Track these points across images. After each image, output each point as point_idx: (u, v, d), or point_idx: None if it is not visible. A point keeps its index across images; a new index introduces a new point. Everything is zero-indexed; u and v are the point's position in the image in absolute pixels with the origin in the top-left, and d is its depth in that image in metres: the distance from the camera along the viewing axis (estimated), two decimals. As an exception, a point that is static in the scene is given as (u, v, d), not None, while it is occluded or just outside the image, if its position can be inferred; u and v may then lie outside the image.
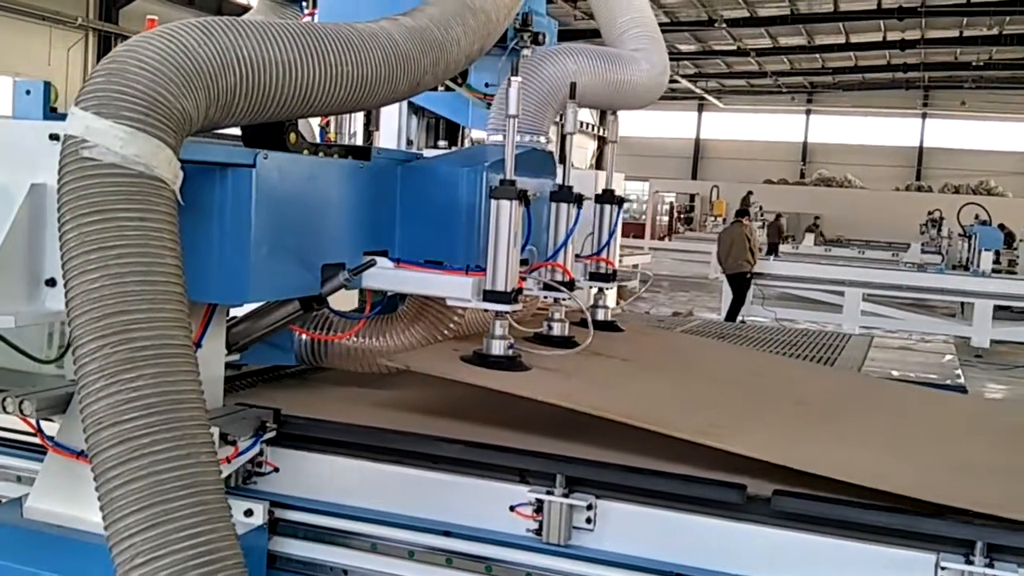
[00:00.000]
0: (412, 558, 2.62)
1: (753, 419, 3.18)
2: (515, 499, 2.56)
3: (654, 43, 4.51)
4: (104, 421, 1.98)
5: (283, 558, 2.73)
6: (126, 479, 1.96)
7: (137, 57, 2.16)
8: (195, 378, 2.10)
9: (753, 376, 4.11)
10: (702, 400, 3.38)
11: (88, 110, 2.10)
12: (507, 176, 3.00)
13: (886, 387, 4.34)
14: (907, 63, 35.44)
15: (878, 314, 15.92)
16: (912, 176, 43.07)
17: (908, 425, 3.54)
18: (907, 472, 2.69)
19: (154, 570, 1.92)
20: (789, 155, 45.29)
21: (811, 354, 5.48)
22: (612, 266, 4.11)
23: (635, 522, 2.50)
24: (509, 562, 2.54)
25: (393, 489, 2.69)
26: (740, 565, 2.40)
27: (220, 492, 2.08)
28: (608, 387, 3.27)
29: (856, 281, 15.87)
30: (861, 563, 2.34)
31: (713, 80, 42.05)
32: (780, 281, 16.58)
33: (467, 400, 3.09)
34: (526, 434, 2.81)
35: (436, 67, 3.03)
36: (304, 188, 2.78)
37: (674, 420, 2.81)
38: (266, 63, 2.38)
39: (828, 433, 3.15)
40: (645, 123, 46.49)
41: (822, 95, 44.32)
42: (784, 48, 34.92)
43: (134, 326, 2.02)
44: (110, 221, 2.05)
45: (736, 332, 6.67)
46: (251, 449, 2.70)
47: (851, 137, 44.39)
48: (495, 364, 3.08)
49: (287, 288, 2.82)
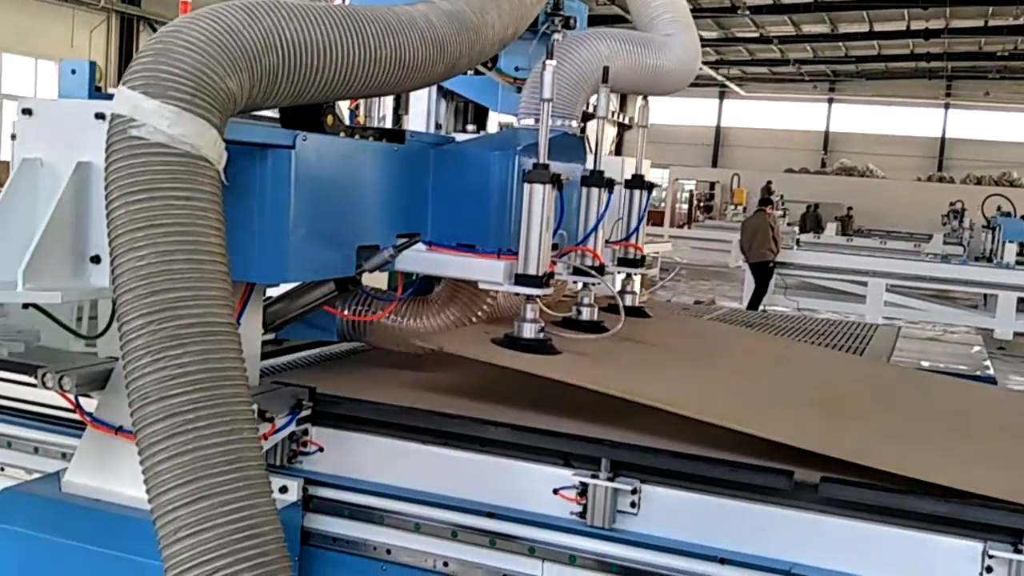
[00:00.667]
0: (455, 539, 2.63)
1: (784, 406, 3.19)
2: (559, 482, 2.58)
3: (686, 28, 4.49)
4: (150, 396, 2.00)
5: (326, 536, 2.76)
6: (171, 453, 1.99)
7: (183, 37, 2.18)
8: (239, 355, 2.13)
9: (781, 364, 4.11)
10: (733, 386, 3.39)
11: (136, 90, 2.11)
12: (540, 160, 3.00)
13: (915, 377, 4.32)
14: (931, 52, 35.15)
15: (900, 305, 15.85)
16: (934, 167, 42.79)
17: (940, 415, 3.53)
18: (950, 463, 2.69)
19: (197, 543, 1.95)
20: (810, 144, 45.04)
21: (838, 344, 5.46)
22: (641, 252, 4.11)
23: (680, 507, 2.51)
24: (553, 544, 2.55)
25: (438, 470, 2.71)
26: (785, 551, 2.40)
27: (262, 468, 2.10)
28: (638, 372, 3.28)
29: (879, 271, 15.82)
30: (908, 551, 2.34)
31: (735, 67, 41.80)
32: (803, 271, 16.53)
33: (507, 383, 3.10)
34: (568, 418, 2.82)
35: (471, 51, 3.05)
36: (340, 170, 2.81)
37: (705, 405, 2.82)
38: (308, 45, 2.40)
39: (861, 422, 3.15)
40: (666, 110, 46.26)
41: (844, 84, 44.06)
42: (807, 36, 34.69)
43: (180, 303, 2.04)
44: (157, 200, 2.07)
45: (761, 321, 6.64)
46: (288, 426, 2.73)
47: (873, 126, 44.11)
48: (526, 347, 3.09)
49: (323, 268, 2.85)
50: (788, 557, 2.39)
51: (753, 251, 15.88)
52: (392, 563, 2.69)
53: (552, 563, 2.55)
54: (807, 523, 2.41)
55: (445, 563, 2.64)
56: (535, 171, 2.99)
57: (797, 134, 45.02)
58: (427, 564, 2.66)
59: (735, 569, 2.41)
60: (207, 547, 1.95)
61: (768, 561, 2.40)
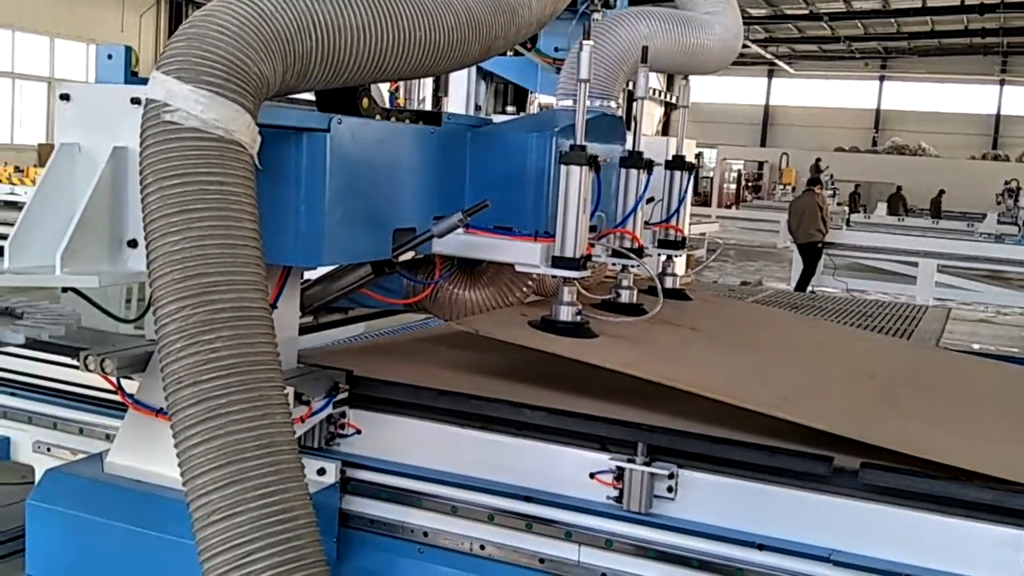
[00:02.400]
0: (492, 522, 2.64)
1: (825, 393, 3.14)
2: (596, 466, 2.57)
3: (728, 5, 4.45)
4: (183, 381, 2.03)
5: (363, 518, 2.78)
6: (204, 437, 2.01)
7: (217, 22, 2.18)
8: (271, 340, 2.14)
9: (823, 348, 4.05)
10: (772, 372, 3.35)
11: (169, 75, 2.13)
12: (578, 141, 2.98)
13: (959, 361, 4.24)
14: (985, 28, 34.35)
15: (952, 286, 15.58)
16: (988, 144, 41.95)
17: (983, 401, 3.47)
18: (990, 450, 2.64)
19: (230, 526, 1.98)
20: (861, 122, 44.38)
21: (887, 326, 5.40)
22: (681, 233, 4.08)
23: (717, 492, 2.49)
24: (589, 529, 2.55)
25: (475, 454, 2.71)
26: (823, 537, 2.37)
27: (294, 452, 2.12)
28: (676, 356, 3.25)
29: (930, 252, 15.55)
30: (948, 538, 2.30)
31: (784, 45, 41.23)
32: (852, 251, 16.31)
33: (544, 366, 3.10)
34: (605, 402, 2.81)
35: (507, 31, 3.02)
36: (376, 153, 2.81)
37: (745, 391, 2.79)
38: (342, 28, 2.39)
39: (903, 408, 3.10)
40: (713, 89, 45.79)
41: (896, 61, 43.27)
42: (858, 12, 34.10)
43: (213, 288, 2.06)
44: (191, 184, 2.08)
45: (809, 303, 6.58)
46: (324, 409, 2.74)
47: (926, 104, 43.35)
48: (563, 330, 3.07)
49: (360, 251, 2.85)
50: (827, 543, 2.36)
51: (801, 231, 15.69)
52: (429, 546, 2.70)
53: (588, 547, 2.55)
54: (846, 509, 2.37)
55: (482, 546, 2.65)
56: (572, 153, 2.97)
57: (847, 112, 44.36)
58: (464, 547, 2.66)
59: (773, 555, 2.39)
60: (239, 531, 1.97)
61: (806, 547, 2.37)
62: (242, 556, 1.96)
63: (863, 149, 40.61)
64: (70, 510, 2.58)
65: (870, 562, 2.31)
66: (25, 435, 3.45)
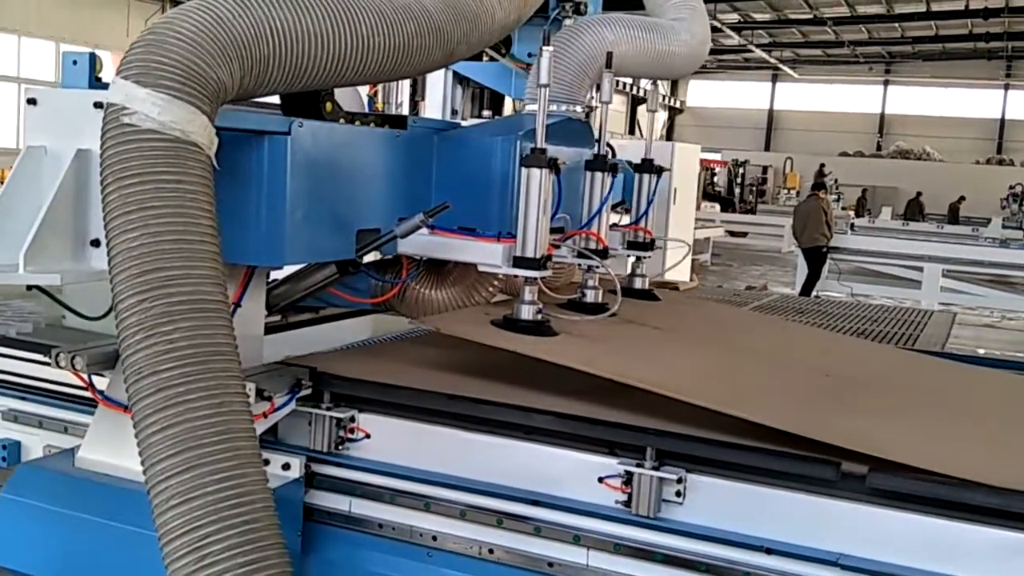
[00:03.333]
0: (501, 526, 2.65)
1: (779, 391, 3.16)
2: (604, 471, 2.58)
3: (695, 13, 4.54)
4: (143, 371, 2.10)
5: (373, 522, 2.79)
6: (162, 425, 2.08)
7: (175, 29, 2.28)
8: (229, 332, 2.22)
9: (784, 347, 4.04)
10: (729, 370, 3.36)
11: (128, 79, 2.22)
12: (537, 144, 3.04)
13: (924, 362, 4.21)
14: (990, 32, 34.42)
15: (958, 290, 15.55)
16: (993, 149, 41.96)
17: (945, 402, 3.47)
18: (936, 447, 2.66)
19: (188, 510, 2.05)
20: (866, 127, 44.39)
21: (891, 331, 5.40)
22: (650, 235, 4.15)
23: (726, 496, 2.50)
24: (598, 533, 2.56)
25: (484, 458, 2.73)
26: (832, 542, 2.38)
27: (252, 439, 2.19)
28: (633, 354, 3.27)
29: (935, 256, 15.52)
30: (956, 543, 2.30)
31: (788, 50, 41.30)
32: (857, 256, 16.30)
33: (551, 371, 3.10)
34: (613, 407, 2.82)
35: (470, 37, 3.10)
36: (339, 155, 2.88)
37: (698, 389, 2.80)
38: (299, 34, 2.47)
39: (857, 407, 3.10)
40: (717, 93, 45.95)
41: (901, 65, 43.30)
42: (862, 17, 34.14)
43: (171, 282, 2.14)
44: (149, 183, 2.17)
45: (813, 307, 6.58)
46: (287, 405, 2.80)
47: (930, 109, 43.34)
48: (523, 329, 3.12)
49: (323, 251, 2.93)
50: (835, 547, 2.37)
51: (806, 236, 15.69)
52: (438, 549, 2.71)
53: (597, 551, 2.55)
54: (854, 514, 2.38)
55: (490, 550, 2.66)
56: (531, 156, 3.03)
57: (852, 117, 44.38)
58: (472, 551, 2.67)
59: (781, 559, 2.39)
60: (196, 515, 2.05)
61: (814, 551, 2.37)
62: (200, 538, 2.03)
63: (867, 153, 40.62)
64: (40, 503, 2.67)
65: (878, 566, 2.32)
66: (36, 439, 3.47)
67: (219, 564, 2.03)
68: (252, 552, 2.07)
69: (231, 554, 2.04)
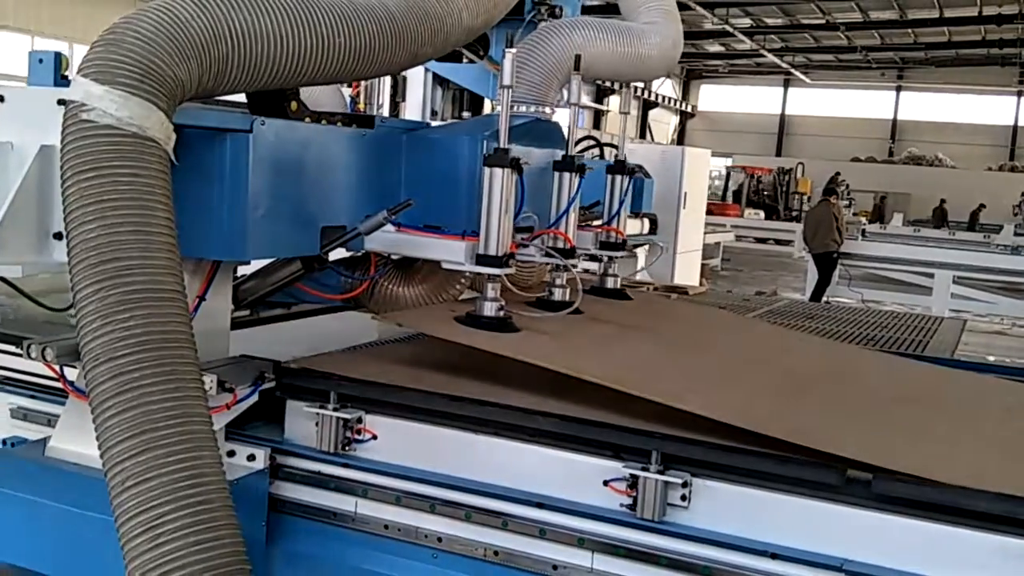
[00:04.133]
0: (505, 528, 2.65)
1: (732, 386, 3.19)
2: (609, 474, 2.58)
3: (667, 16, 4.61)
4: (100, 357, 2.16)
5: (379, 522, 2.80)
6: (118, 410, 2.14)
7: (133, 29, 2.35)
8: (185, 320, 2.28)
9: (747, 345, 4.04)
10: (685, 365, 3.39)
11: (88, 77, 2.29)
12: (500, 144, 3.09)
13: (885, 359, 4.19)
14: (1003, 39, 34.32)
15: (969, 297, 15.50)
16: (1006, 156, 41.83)
17: (905, 399, 3.47)
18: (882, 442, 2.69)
19: (143, 491, 2.11)
20: (877, 132, 44.31)
21: (901, 337, 5.38)
22: (621, 236, 4.20)
23: (731, 501, 2.50)
24: (602, 536, 2.56)
25: (489, 460, 2.73)
26: (837, 547, 2.38)
27: (206, 422, 2.25)
28: (592, 350, 3.31)
29: (946, 263, 15.48)
30: (960, 548, 2.30)
31: (800, 55, 41.23)
32: (868, 262, 16.26)
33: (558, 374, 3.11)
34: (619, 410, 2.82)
35: (435, 39, 3.15)
36: (303, 154, 2.94)
37: (648, 383, 2.84)
38: (258, 34, 2.54)
39: (809, 403, 3.13)
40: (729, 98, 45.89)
41: (913, 71, 43.22)
42: (875, 22, 34.09)
43: (127, 271, 2.20)
44: (106, 176, 2.23)
45: (823, 313, 6.57)
46: (250, 397, 2.83)
47: (943, 115, 43.26)
48: (485, 325, 3.17)
49: (287, 247, 2.99)
50: (840, 552, 2.37)
51: (816, 241, 15.67)
52: (443, 551, 2.72)
53: (601, 554, 2.56)
54: (859, 519, 2.38)
55: (495, 552, 2.66)
56: (494, 155, 3.09)
57: (864, 122, 44.30)
58: (477, 553, 2.68)
59: (786, 564, 2.39)
60: (151, 495, 2.10)
61: (819, 556, 2.38)
62: (154, 518, 2.09)
63: (879, 159, 40.52)
64: (9, 491, 2.74)
65: (882, 572, 2.32)
66: (41, 437, 3.48)
67: (172, 543, 2.09)
68: (205, 531, 2.13)
69: (184, 533, 2.10)
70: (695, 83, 48.50)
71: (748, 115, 45.79)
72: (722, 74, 46.19)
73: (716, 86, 47.41)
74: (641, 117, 40.84)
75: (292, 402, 2.95)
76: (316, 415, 2.86)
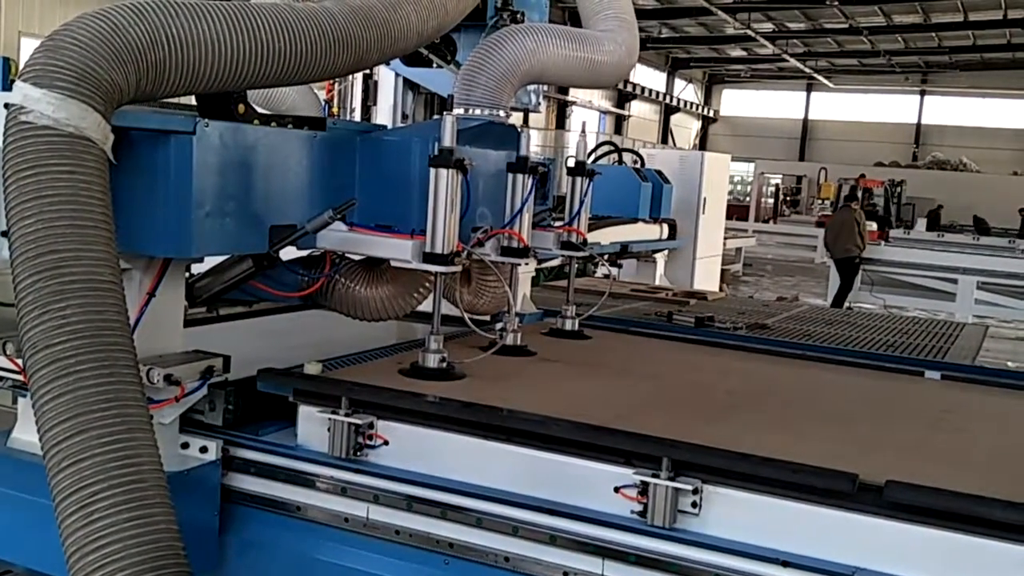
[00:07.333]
0: (516, 534, 2.65)
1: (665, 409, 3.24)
2: (620, 481, 2.57)
3: (624, 24, 4.63)
4: (37, 345, 2.26)
5: (390, 528, 2.80)
6: (55, 394, 2.23)
7: (71, 35, 2.46)
8: (120, 309, 2.37)
9: (692, 372, 4.01)
10: (623, 394, 3.45)
11: (27, 82, 2.39)
12: (444, 144, 3.17)
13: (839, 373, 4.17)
14: (1029, 42, 34.08)
15: (993, 303, 15.39)
16: (1031, 160, 41.46)
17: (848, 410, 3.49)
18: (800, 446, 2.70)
19: (77, 471, 2.18)
20: (901, 137, 44.04)
21: (923, 343, 5.35)
22: (583, 236, 4.26)
23: (742, 508, 2.49)
24: (613, 542, 2.55)
25: (500, 466, 2.73)
26: (848, 555, 2.37)
27: (141, 406, 2.33)
28: (539, 388, 3.39)
29: (970, 268, 15.37)
30: (972, 556, 2.28)
31: (823, 59, 41.06)
32: (890, 267, 16.16)
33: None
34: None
35: (382, 44, 3.21)
36: (249, 155, 2.99)
37: (584, 412, 2.90)
38: (195, 40, 2.62)
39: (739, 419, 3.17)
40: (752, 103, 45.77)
41: (937, 75, 42.96)
42: (899, 26, 33.92)
43: (64, 263, 2.30)
44: (44, 175, 2.34)
45: (844, 319, 6.53)
46: (199, 391, 2.89)
47: (967, 119, 42.94)
48: (431, 376, 3.27)
49: (234, 245, 3.05)
50: (851, 561, 2.36)
51: (838, 247, 15.60)
52: (454, 557, 2.72)
53: (612, 561, 2.55)
54: (871, 527, 2.37)
55: (506, 558, 2.66)
56: (439, 156, 3.17)
57: (887, 127, 44.05)
58: (488, 559, 2.68)
59: (797, 572, 2.38)
60: (85, 475, 2.18)
61: (831, 564, 2.36)
62: (87, 496, 2.16)
63: (903, 164, 40.24)
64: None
65: (894, 580, 2.30)
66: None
67: (104, 519, 2.16)
68: (137, 509, 2.19)
69: (117, 510, 2.17)
70: (717, 88, 48.39)
71: (771, 120, 45.64)
72: (744, 79, 46.05)
73: (738, 91, 47.28)
74: (663, 122, 40.77)
75: (304, 407, 2.96)
76: (328, 420, 2.87)
